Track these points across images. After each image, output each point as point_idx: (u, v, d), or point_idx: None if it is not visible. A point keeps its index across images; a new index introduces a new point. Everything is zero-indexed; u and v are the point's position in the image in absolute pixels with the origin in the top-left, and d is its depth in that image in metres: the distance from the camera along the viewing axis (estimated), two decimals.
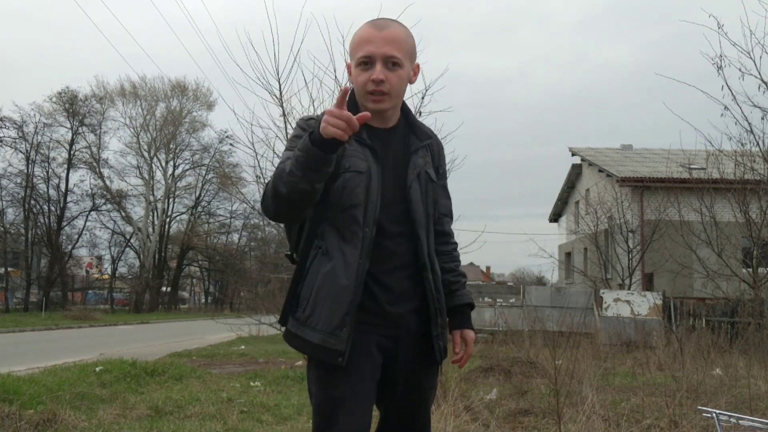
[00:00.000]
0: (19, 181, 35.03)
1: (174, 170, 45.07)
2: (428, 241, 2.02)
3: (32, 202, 35.05)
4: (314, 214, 1.97)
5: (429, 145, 2.11)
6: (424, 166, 2.06)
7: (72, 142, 37.37)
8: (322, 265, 1.91)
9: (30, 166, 34.79)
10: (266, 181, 1.96)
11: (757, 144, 10.67)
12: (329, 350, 1.86)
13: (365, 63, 1.96)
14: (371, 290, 1.93)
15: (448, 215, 2.21)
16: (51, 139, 36.42)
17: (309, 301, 1.91)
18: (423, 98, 9.51)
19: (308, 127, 1.93)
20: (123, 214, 42.23)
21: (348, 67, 2.07)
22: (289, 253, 2.14)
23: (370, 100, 1.97)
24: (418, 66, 2.07)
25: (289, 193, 1.81)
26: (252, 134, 10.03)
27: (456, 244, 2.23)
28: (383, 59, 1.94)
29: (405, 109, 2.12)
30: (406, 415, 2.05)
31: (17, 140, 34.48)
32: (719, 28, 9.04)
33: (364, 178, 1.93)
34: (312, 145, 1.74)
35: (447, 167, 2.27)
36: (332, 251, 1.92)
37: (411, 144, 2.06)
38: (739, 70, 9.21)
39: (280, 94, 9.68)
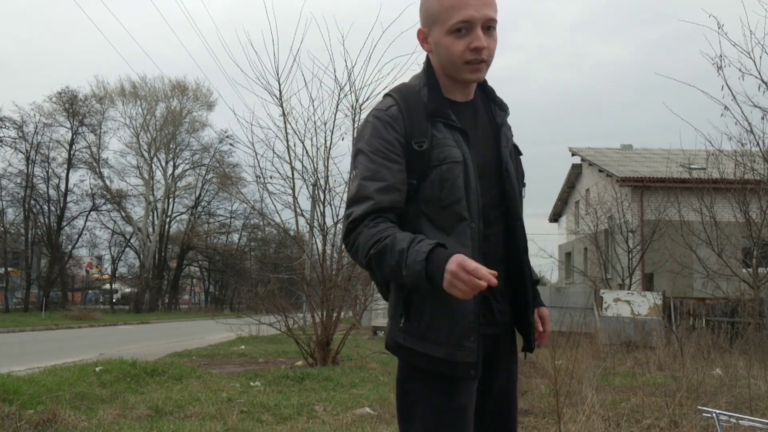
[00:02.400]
0: (19, 181, 35.07)
1: (174, 170, 45.13)
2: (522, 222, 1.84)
3: (32, 202, 35.06)
4: (409, 212, 1.74)
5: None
6: (511, 139, 1.89)
7: (72, 142, 37.38)
8: None
9: (30, 166, 34.82)
10: (358, 237, 1.67)
11: (757, 144, 10.68)
12: (459, 363, 1.67)
13: (460, 29, 1.70)
14: None
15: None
16: (51, 139, 36.48)
17: (424, 311, 1.70)
18: None
19: (395, 130, 1.71)
20: (123, 214, 42.27)
21: (421, 34, 1.81)
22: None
23: (469, 70, 1.73)
24: None
25: (386, 276, 1.69)
26: (252, 134, 10.02)
27: None
28: (483, 23, 1.70)
29: None
30: (505, 409, 1.91)
31: (17, 140, 34.52)
32: (719, 28, 9.04)
33: (462, 167, 1.71)
34: (425, 279, 1.54)
35: None
36: None
37: (496, 116, 1.86)
38: (739, 70, 9.22)
39: (280, 93, 9.69)
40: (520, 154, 1.93)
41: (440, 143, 1.72)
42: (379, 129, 1.72)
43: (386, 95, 1.81)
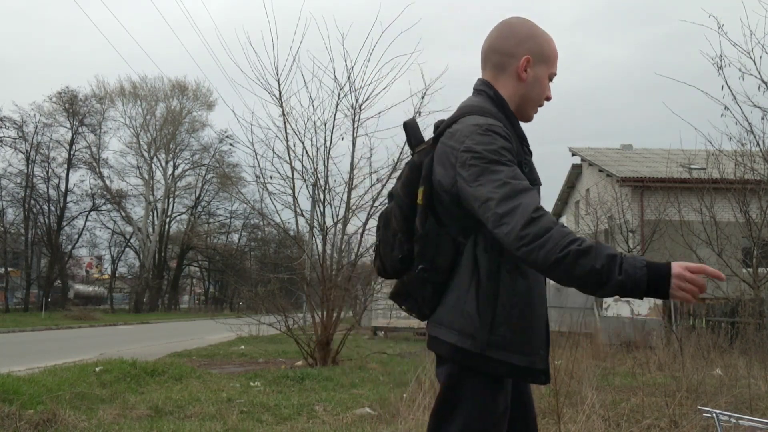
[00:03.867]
0: (19, 181, 35.06)
1: (174, 170, 45.13)
2: None
3: (32, 202, 35.05)
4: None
5: None
6: None
7: (72, 142, 37.38)
8: (517, 283, 1.79)
9: (30, 166, 34.81)
10: (551, 228, 1.62)
11: (757, 144, 10.65)
12: (537, 371, 1.81)
13: (552, 78, 2.00)
14: None
15: None
16: (51, 139, 36.49)
17: (509, 322, 1.77)
18: (423, 98, 9.53)
19: (510, 144, 1.78)
20: (123, 214, 42.27)
21: (527, 62, 1.93)
22: (424, 265, 1.86)
23: (535, 111, 2.01)
24: None
25: (571, 273, 1.60)
26: (252, 134, 10.02)
27: None
28: None
29: None
30: (531, 415, 2.01)
31: (17, 140, 34.52)
32: (719, 28, 9.02)
33: (539, 191, 1.92)
34: (645, 283, 1.56)
35: None
36: (525, 268, 1.78)
37: None
38: (739, 70, 9.18)
39: (280, 93, 9.69)
40: None
41: (530, 165, 1.89)
42: (504, 143, 1.77)
43: (481, 114, 1.84)
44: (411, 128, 1.98)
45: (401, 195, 1.91)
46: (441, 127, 1.90)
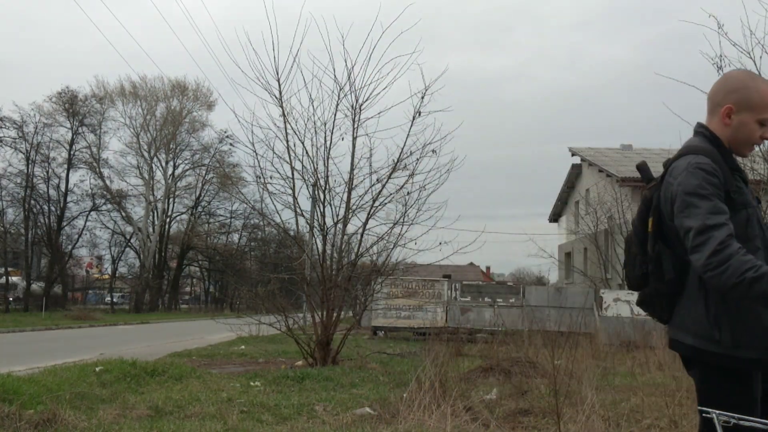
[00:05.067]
0: (19, 181, 35.02)
1: (174, 170, 45.12)
2: None
3: (32, 202, 35.03)
4: None
5: None
6: None
7: (72, 142, 37.37)
8: None
9: (30, 166, 34.78)
10: (732, 257, 2.03)
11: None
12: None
13: (765, 123, 2.27)
14: None
15: None
16: (51, 139, 36.45)
17: (736, 323, 2.15)
18: (423, 98, 9.53)
19: (718, 179, 2.16)
20: (123, 214, 42.27)
21: (728, 110, 2.28)
22: (671, 276, 2.25)
23: (750, 150, 2.37)
24: None
25: (748, 294, 2.02)
26: (252, 134, 10.00)
27: None
28: None
29: None
30: None
31: (17, 140, 34.49)
32: (719, 28, 9.00)
33: (753, 210, 2.25)
34: None
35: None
36: None
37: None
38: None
39: (280, 93, 9.68)
40: None
41: (742, 191, 2.23)
42: (708, 177, 2.16)
43: (694, 153, 2.22)
44: (643, 169, 2.47)
45: (637, 224, 2.39)
46: (667, 165, 2.30)
